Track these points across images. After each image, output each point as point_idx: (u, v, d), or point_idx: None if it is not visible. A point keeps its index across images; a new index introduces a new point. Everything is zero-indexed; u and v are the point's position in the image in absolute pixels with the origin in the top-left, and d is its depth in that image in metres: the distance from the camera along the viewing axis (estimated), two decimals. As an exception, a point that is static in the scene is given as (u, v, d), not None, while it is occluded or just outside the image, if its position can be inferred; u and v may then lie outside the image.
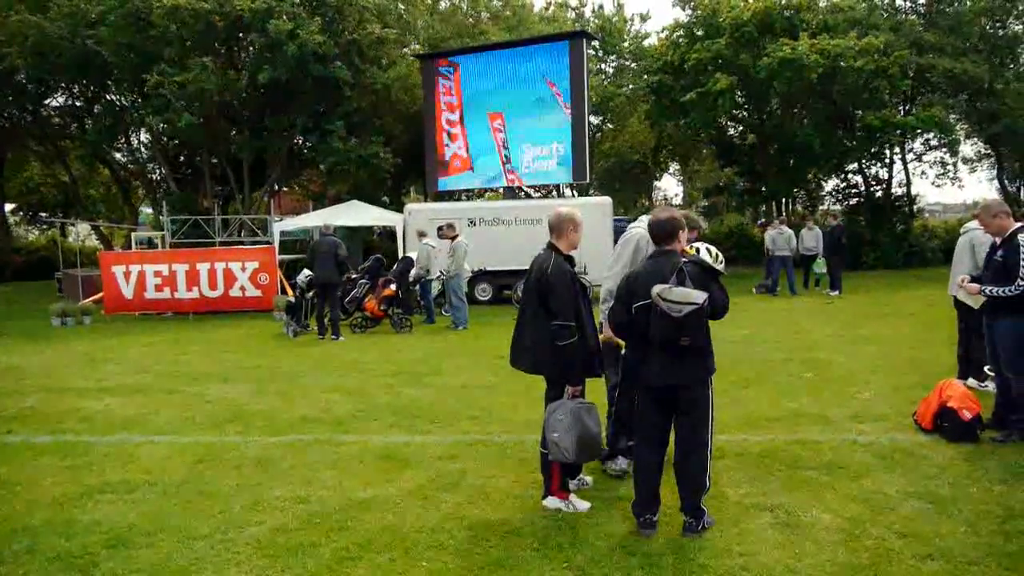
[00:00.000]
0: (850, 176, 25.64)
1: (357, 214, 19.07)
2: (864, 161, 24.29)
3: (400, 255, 14.93)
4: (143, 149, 25.97)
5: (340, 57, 19.48)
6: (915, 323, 11.49)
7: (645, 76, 25.03)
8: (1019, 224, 5.45)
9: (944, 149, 24.45)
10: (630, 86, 28.20)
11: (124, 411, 7.21)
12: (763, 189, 25.52)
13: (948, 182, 34.22)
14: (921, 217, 27.45)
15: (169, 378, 8.88)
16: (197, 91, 18.24)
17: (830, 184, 26.72)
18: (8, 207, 31.00)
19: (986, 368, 6.59)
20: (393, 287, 12.60)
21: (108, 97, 23.35)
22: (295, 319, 12.58)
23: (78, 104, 24.07)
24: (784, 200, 26.61)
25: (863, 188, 25.01)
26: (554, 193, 26.26)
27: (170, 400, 7.66)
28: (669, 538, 3.95)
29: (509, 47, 19.33)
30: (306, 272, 12.86)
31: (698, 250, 4.09)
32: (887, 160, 24.48)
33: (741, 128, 26.04)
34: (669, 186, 79.44)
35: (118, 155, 25.81)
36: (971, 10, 21.60)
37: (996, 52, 21.98)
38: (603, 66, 31.33)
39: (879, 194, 24.66)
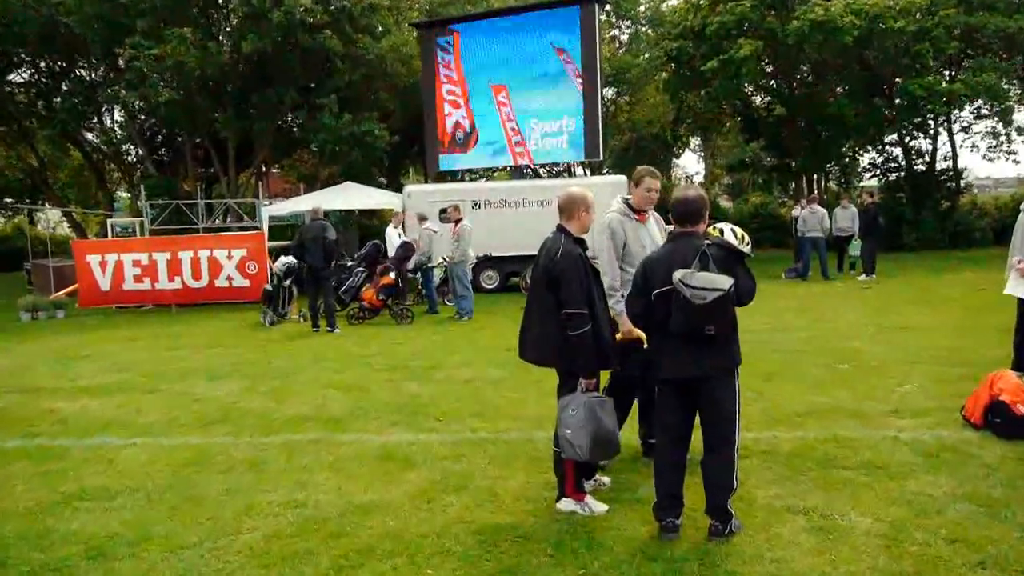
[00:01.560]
0: (889, 149, 25.45)
1: (352, 197, 19.07)
2: (905, 133, 24.09)
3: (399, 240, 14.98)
4: (117, 129, 25.98)
5: (330, 26, 19.42)
6: (960, 309, 11.43)
7: (663, 43, 24.87)
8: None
9: (996, 118, 24.20)
10: (647, 55, 28.04)
11: (103, 412, 7.26)
12: (792, 165, 25.36)
13: (1001, 155, 33.66)
14: (969, 193, 27.15)
15: (151, 376, 8.93)
16: (175, 65, 18.22)
17: (867, 158, 26.55)
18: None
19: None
20: (392, 275, 12.63)
21: (77, 72, 23.34)
22: (272, 308, 12.80)
23: (44, 80, 24.04)
24: (816, 177, 26.45)
25: (903, 162, 24.83)
26: (565, 172, 26.20)
27: (153, 399, 7.71)
28: (694, 543, 3.97)
29: (514, 13, 19.19)
30: (283, 259, 13.00)
31: (722, 231, 4.08)
32: (931, 131, 24.27)
33: (768, 99, 25.85)
34: (690, 163, 79.66)
35: (90, 135, 25.84)
36: (1026, -40, 21.28)
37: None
38: (617, 33, 31.18)
39: (921, 168, 24.49)
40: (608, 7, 28.08)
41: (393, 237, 14.28)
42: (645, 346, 4.51)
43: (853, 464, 5.00)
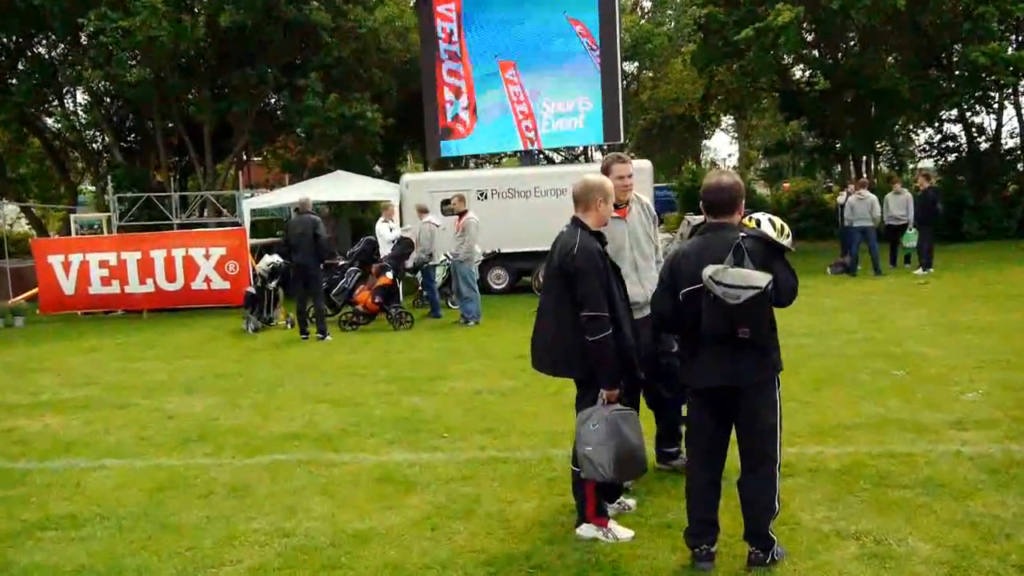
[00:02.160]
0: (947, 126, 25.35)
1: (344, 187, 19.09)
2: (966, 107, 23.97)
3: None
4: (81, 113, 26.11)
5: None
6: (1031, 307, 11.39)
7: (691, 10, 24.85)
8: None
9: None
10: (672, 23, 28.03)
11: (68, 431, 7.30)
12: (838, 146, 25.28)
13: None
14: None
15: (121, 390, 8.98)
16: (146, 40, 18.30)
17: (922, 137, 26.44)
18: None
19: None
20: (389, 275, 12.66)
21: (35, 49, 23.45)
22: (255, 313, 12.89)
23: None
24: (864, 159, 26.35)
25: (964, 141, 24.71)
26: (581, 157, 26.21)
27: (123, 416, 7.75)
28: (730, 572, 3.96)
29: (522, -22, 19.22)
30: (267, 259, 13.05)
31: (759, 222, 4.06)
32: (995, 105, 24.14)
33: (810, 71, 25.76)
34: (721, 145, 79.46)
35: (50, 120, 25.97)
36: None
37: None
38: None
39: (985, 147, 24.35)
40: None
41: (384, 233, 14.25)
42: None
43: (910, 482, 4.98)
